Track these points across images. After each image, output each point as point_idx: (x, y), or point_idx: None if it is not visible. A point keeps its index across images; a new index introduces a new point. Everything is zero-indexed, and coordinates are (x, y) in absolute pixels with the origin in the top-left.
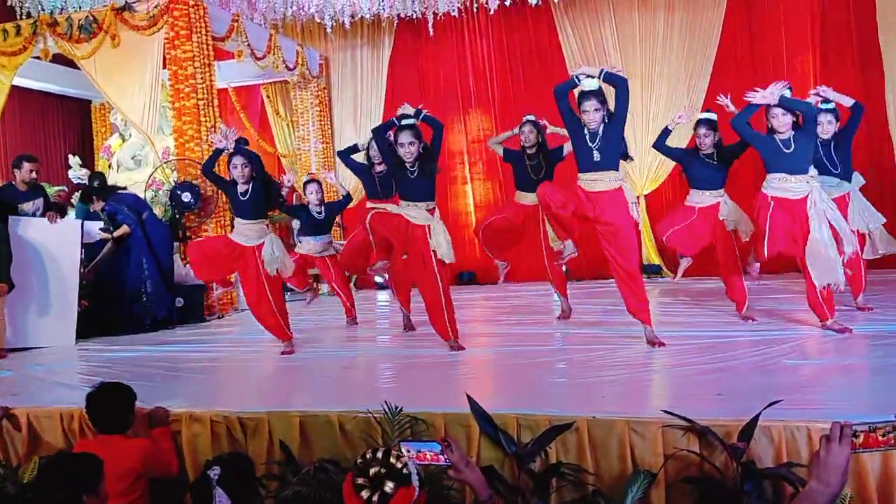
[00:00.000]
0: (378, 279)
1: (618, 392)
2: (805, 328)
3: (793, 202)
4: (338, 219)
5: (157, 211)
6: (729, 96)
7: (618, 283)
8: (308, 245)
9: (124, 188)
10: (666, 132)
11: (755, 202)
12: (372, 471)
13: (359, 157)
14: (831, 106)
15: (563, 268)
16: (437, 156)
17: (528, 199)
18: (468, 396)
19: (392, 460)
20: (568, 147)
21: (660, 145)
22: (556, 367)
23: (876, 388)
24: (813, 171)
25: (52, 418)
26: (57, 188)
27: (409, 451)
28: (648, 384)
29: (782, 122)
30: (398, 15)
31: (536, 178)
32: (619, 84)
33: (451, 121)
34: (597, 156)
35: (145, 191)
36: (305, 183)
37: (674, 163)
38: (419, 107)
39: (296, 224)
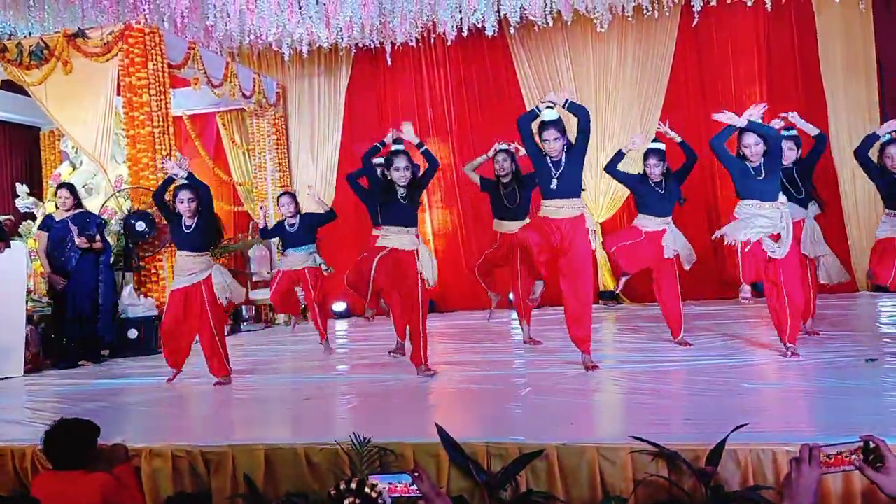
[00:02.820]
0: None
1: (585, 418)
2: (759, 352)
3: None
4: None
5: (110, 240)
6: (668, 122)
7: (567, 310)
8: (289, 259)
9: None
10: (619, 156)
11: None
12: (346, 502)
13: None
14: (792, 133)
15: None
16: (423, 188)
17: (504, 226)
18: (437, 426)
19: (367, 490)
20: None
21: (612, 169)
22: (523, 395)
23: (834, 410)
24: (782, 197)
25: (4, 456)
26: (3, 217)
27: (380, 484)
28: (615, 410)
29: (755, 151)
30: (356, 44)
31: (511, 206)
32: (581, 114)
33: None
34: (555, 184)
35: None
36: (278, 196)
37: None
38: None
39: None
